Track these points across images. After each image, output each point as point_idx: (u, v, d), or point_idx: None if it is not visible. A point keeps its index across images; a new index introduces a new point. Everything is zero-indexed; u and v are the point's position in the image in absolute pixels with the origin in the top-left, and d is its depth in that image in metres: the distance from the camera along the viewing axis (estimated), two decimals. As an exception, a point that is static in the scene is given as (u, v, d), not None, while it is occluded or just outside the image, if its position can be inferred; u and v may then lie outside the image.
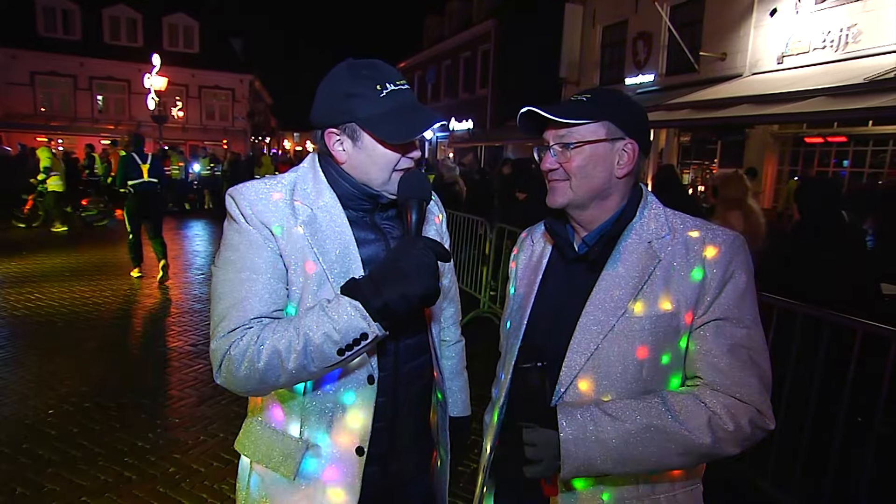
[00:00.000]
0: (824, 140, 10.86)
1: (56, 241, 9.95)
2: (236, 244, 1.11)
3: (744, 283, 1.07)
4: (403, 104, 1.14)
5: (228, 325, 1.05)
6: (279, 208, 1.13)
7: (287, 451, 1.17)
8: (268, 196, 1.14)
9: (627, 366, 1.07)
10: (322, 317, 1.01)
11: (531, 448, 1.02)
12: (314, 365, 1.01)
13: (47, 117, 24.14)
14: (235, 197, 1.13)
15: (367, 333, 1.00)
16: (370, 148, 1.14)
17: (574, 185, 1.11)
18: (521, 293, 1.26)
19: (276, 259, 1.11)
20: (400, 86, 1.15)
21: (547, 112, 1.09)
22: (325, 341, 0.99)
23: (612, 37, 15.47)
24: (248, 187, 1.15)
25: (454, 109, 23.88)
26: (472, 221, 6.56)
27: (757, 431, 1.02)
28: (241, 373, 1.03)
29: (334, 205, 1.17)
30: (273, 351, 1.01)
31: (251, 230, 1.11)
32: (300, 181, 1.18)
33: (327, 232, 1.14)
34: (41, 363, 4.38)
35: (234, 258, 1.10)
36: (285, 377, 1.03)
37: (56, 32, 24.55)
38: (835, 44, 9.67)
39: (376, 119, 1.11)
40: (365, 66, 1.15)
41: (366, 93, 1.12)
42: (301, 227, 1.12)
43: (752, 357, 1.05)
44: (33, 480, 2.85)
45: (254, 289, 1.08)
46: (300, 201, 1.15)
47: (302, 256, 1.11)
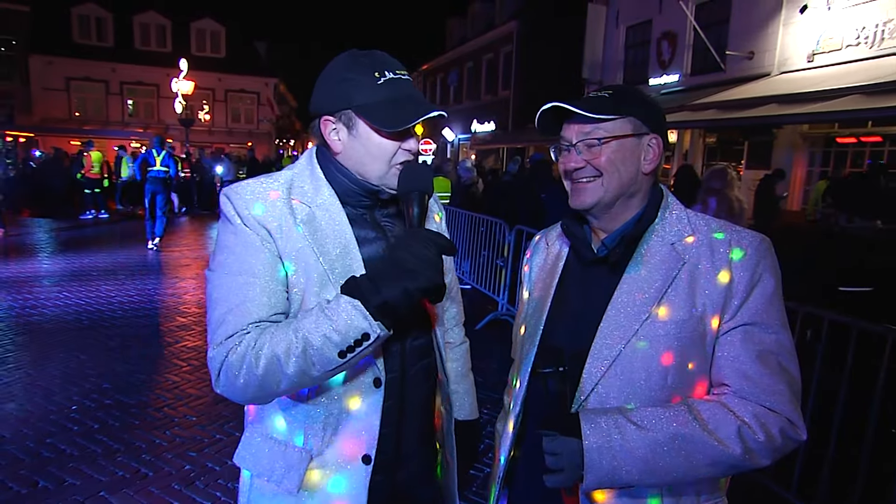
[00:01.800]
0: (857, 140, 10.51)
1: (84, 241, 10.22)
2: (232, 246, 1.06)
3: (772, 287, 1.03)
4: (401, 93, 1.09)
5: (226, 331, 1.01)
6: (276, 208, 1.08)
7: (290, 463, 1.11)
8: (264, 195, 1.09)
9: (651, 372, 1.02)
10: (321, 318, 0.96)
11: (552, 457, 0.98)
12: (315, 369, 0.97)
13: (80, 121, 24.92)
14: (231, 197, 1.09)
15: (368, 333, 0.95)
16: (365, 137, 1.10)
17: (605, 182, 1.07)
18: (537, 297, 1.22)
19: (274, 261, 1.06)
20: (399, 75, 1.11)
21: (575, 107, 1.04)
22: (324, 343, 0.95)
23: (636, 37, 15.26)
24: (243, 186, 1.11)
25: (476, 111, 23.86)
26: (489, 223, 6.51)
27: (788, 442, 0.97)
28: (239, 381, 0.99)
29: (333, 202, 1.13)
30: (272, 356, 0.97)
31: (248, 231, 1.06)
32: (297, 178, 1.14)
33: (327, 231, 1.10)
34: (67, 360, 4.48)
35: (230, 261, 1.06)
36: (286, 383, 0.98)
37: (90, 39, 25.36)
38: (869, 40, 9.35)
39: (371, 106, 1.07)
40: (365, 54, 1.13)
41: (362, 79, 1.08)
42: (300, 227, 1.08)
43: (781, 364, 1.00)
44: (55, 475, 2.90)
45: (251, 293, 1.03)
46: (298, 200, 1.11)
47: (302, 257, 1.07)
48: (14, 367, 4.31)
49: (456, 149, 26.50)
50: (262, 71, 28.73)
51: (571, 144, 1.09)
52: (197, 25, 27.28)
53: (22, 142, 21.08)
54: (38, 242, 9.98)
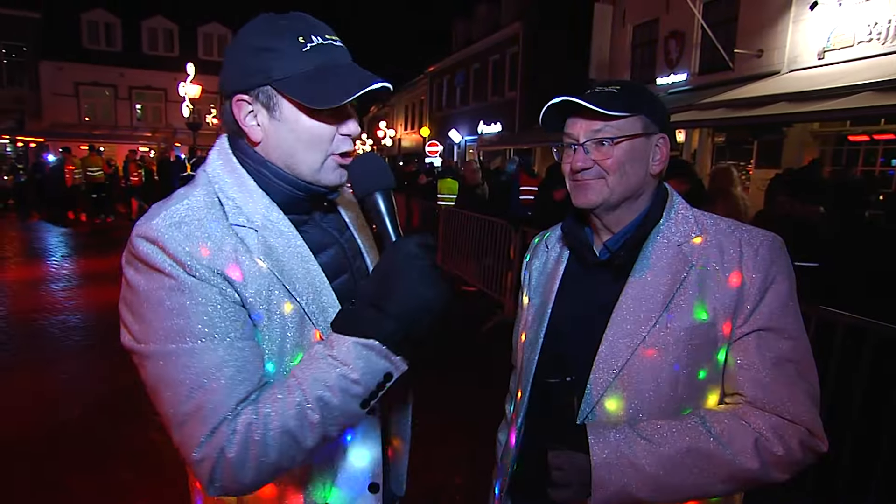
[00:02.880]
0: (870, 138, 10.34)
1: (97, 245, 10.28)
2: (176, 306, 0.80)
3: (786, 290, 0.97)
4: (333, 62, 0.88)
5: (207, 424, 0.78)
6: (225, 242, 0.84)
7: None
8: (203, 227, 0.84)
9: (661, 382, 0.97)
10: (330, 370, 0.79)
11: (558, 472, 0.94)
12: (336, 429, 0.82)
13: (90, 126, 25.13)
14: (158, 240, 0.80)
15: (391, 373, 0.82)
16: (292, 120, 0.88)
17: (611, 183, 1.02)
18: (537, 303, 1.17)
19: (239, 314, 0.84)
20: (330, 40, 0.90)
21: (588, 102, 0.98)
22: (344, 399, 0.79)
23: (643, 36, 15.15)
24: (168, 220, 0.83)
25: (483, 113, 23.81)
26: (494, 224, 6.46)
27: (808, 454, 0.91)
28: (249, 476, 0.79)
29: (279, 217, 0.91)
30: (283, 433, 0.78)
31: (198, 284, 0.81)
32: (223, 191, 0.90)
33: (286, 256, 0.89)
34: (78, 365, 4.49)
35: (179, 326, 0.79)
36: (301, 456, 0.82)
37: (99, 44, 25.59)
38: (882, 36, 9.20)
39: (297, 79, 0.86)
40: (283, 16, 0.91)
41: (283, 47, 0.86)
42: (261, 261, 0.86)
43: (798, 371, 0.94)
44: (58, 481, 2.88)
45: (223, 362, 0.80)
46: (241, 224, 0.87)
47: (275, 298, 0.87)
48: (20, 372, 4.32)
49: (462, 150, 26.47)
50: (269, 74, 28.81)
51: (578, 142, 1.04)
52: (204, 30, 27.45)
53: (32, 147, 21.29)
54: (47, 246, 10.05)
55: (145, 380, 0.84)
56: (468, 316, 6.05)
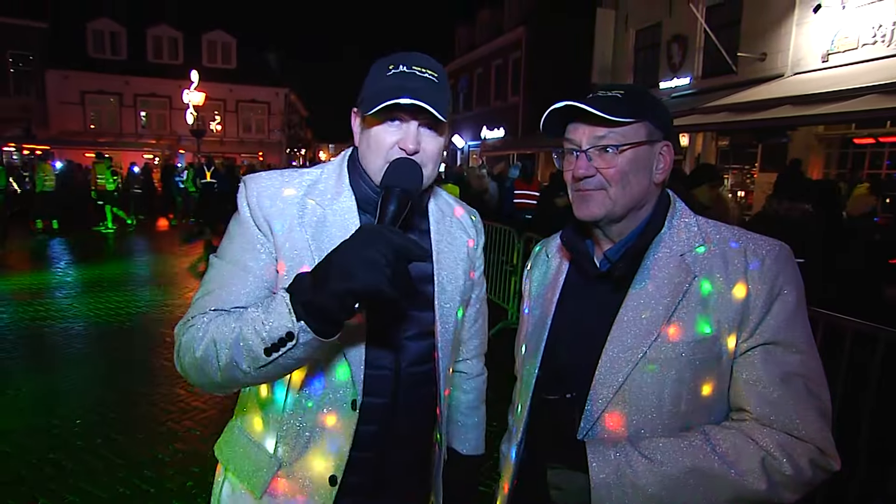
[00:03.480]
0: (876, 140, 10.26)
1: (94, 253, 10.30)
2: (232, 234, 1.07)
3: (794, 301, 0.93)
4: (402, 84, 1.01)
5: (192, 311, 1.02)
6: (287, 205, 1.07)
7: (258, 464, 1.09)
8: (278, 190, 1.08)
9: (663, 399, 0.93)
10: (259, 310, 0.91)
11: (556, 491, 0.90)
12: (245, 363, 0.91)
13: (95, 134, 25.28)
14: (247, 185, 1.09)
15: (292, 332, 0.87)
16: (366, 128, 1.08)
17: (613, 195, 0.98)
18: (537, 314, 1.13)
19: (267, 257, 1.05)
20: (416, 70, 1.03)
21: (592, 107, 0.94)
22: (253, 335, 0.89)
23: (646, 40, 15.13)
24: (261, 177, 1.10)
25: (486, 118, 23.83)
26: (499, 230, 6.43)
27: (819, 473, 0.87)
28: (186, 361, 0.98)
29: (350, 208, 1.09)
30: (210, 341, 0.94)
31: (250, 223, 1.06)
32: (323, 178, 1.13)
33: (334, 237, 1.04)
34: (74, 372, 4.47)
35: (226, 248, 1.07)
36: (221, 374, 0.94)
37: (104, 53, 25.78)
38: (886, 38, 9.15)
39: (368, 95, 1.04)
40: (404, 52, 1.09)
41: (376, 73, 1.06)
42: (306, 229, 1.05)
43: (808, 387, 0.90)
44: (55, 491, 2.85)
45: (230, 281, 1.03)
46: (315, 200, 1.08)
47: (299, 259, 1.04)
48: (21, 380, 4.30)
49: (466, 155, 26.48)
50: (272, 81, 29.00)
51: (580, 149, 1.00)
52: (208, 37, 27.62)
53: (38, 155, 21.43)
54: (50, 254, 10.07)
55: None
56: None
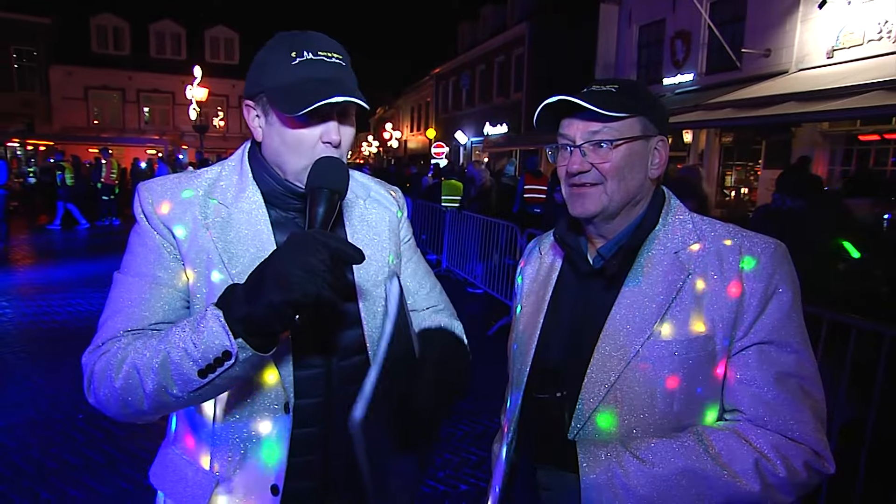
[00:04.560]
0: (881, 137, 10.20)
1: (100, 247, 10.33)
2: (133, 246, 1.01)
3: (789, 300, 0.92)
4: (314, 76, 0.95)
5: (102, 336, 0.94)
6: (185, 207, 1.00)
7: (197, 484, 1.03)
8: (175, 193, 1.02)
9: (655, 398, 0.92)
10: (187, 329, 0.85)
11: (547, 492, 0.89)
12: (176, 388, 0.85)
13: (99, 129, 25.34)
14: (141, 192, 1.02)
15: (229, 352, 0.82)
16: (278, 125, 0.99)
17: (610, 190, 0.97)
18: (529, 312, 1.12)
19: (174, 265, 0.99)
20: (323, 56, 0.97)
21: (585, 102, 0.93)
22: (183, 359, 0.84)
23: (650, 36, 15.06)
24: (156, 182, 1.03)
25: (489, 114, 23.76)
26: (502, 226, 6.42)
27: (813, 476, 0.86)
28: (101, 392, 0.90)
29: (257, 204, 1.03)
30: (132, 368, 0.87)
31: (150, 231, 1.00)
32: (224, 176, 1.06)
33: (242, 235, 1.00)
34: (76, 368, 4.45)
35: (129, 261, 1.00)
36: (148, 401, 0.87)
37: (108, 49, 25.82)
38: (892, 34, 9.07)
39: (280, 90, 0.95)
40: (295, 34, 1.01)
41: (278, 59, 0.97)
42: (210, 231, 0.99)
43: (802, 387, 0.89)
44: (58, 486, 2.87)
45: (139, 297, 0.95)
46: (217, 199, 1.02)
47: (207, 263, 0.98)
48: (23, 376, 4.32)
49: (468, 151, 26.44)
50: (275, 77, 28.95)
51: (574, 144, 0.99)
52: (211, 33, 27.62)
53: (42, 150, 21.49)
54: (53, 249, 10.11)
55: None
56: (474, 318, 6.02)
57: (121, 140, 24.01)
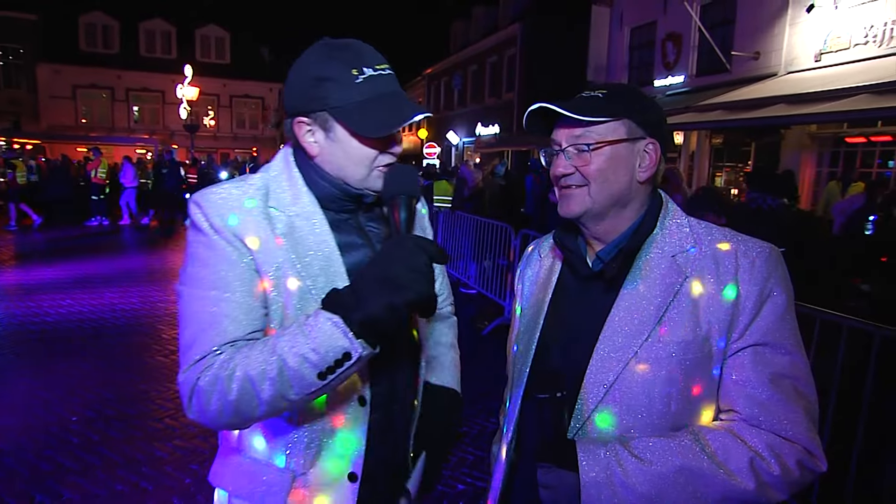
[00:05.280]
0: (867, 140, 10.36)
1: (89, 248, 10.24)
2: (206, 259, 0.98)
3: (784, 303, 0.95)
4: (382, 92, 1.00)
5: (196, 352, 0.94)
6: (253, 217, 1.00)
7: (272, 483, 1.05)
8: (239, 203, 1.01)
9: (653, 399, 0.94)
10: (298, 336, 0.88)
11: (547, 490, 0.92)
12: (293, 392, 0.89)
13: (87, 128, 25.10)
14: (202, 204, 1.00)
15: (349, 353, 0.87)
16: (345, 141, 1.02)
17: (593, 192, 1.00)
18: (529, 314, 1.15)
19: (251, 275, 0.99)
20: (380, 71, 1.01)
21: (562, 108, 0.97)
22: (301, 364, 0.87)
23: (641, 38, 15.17)
24: (215, 193, 1.02)
25: (481, 114, 23.81)
26: (495, 227, 6.45)
27: (806, 474, 0.89)
28: (212, 407, 0.91)
29: (314, 209, 1.05)
30: (245, 379, 0.89)
31: (222, 243, 0.98)
32: (274, 184, 1.06)
33: (308, 241, 1.03)
34: (69, 370, 4.45)
35: (203, 275, 0.98)
36: (263, 408, 0.91)
37: (96, 47, 25.58)
38: (878, 39, 9.22)
39: (351, 109, 0.98)
40: (341, 46, 1.02)
41: (339, 77, 0.98)
42: (280, 239, 1.01)
43: (796, 388, 0.92)
44: (53, 489, 2.86)
45: (226, 309, 0.96)
46: (275, 207, 1.03)
47: (283, 272, 1.00)
48: (15, 377, 4.28)
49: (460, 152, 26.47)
50: (266, 76, 28.84)
51: (561, 149, 1.02)
52: (202, 32, 27.44)
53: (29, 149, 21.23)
54: (42, 250, 10.00)
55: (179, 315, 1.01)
56: (467, 319, 6.04)
57: (110, 139, 23.80)
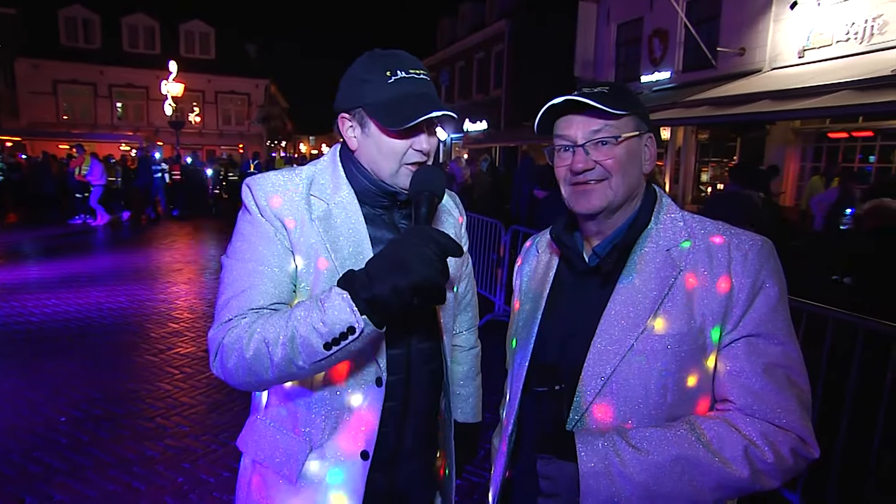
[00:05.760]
0: (849, 135, 10.54)
1: (74, 247, 10.09)
2: (247, 234, 1.11)
3: (776, 294, 0.97)
4: (411, 92, 1.10)
5: (227, 313, 1.05)
6: (294, 202, 1.13)
7: (290, 451, 1.14)
8: (284, 188, 1.14)
9: (650, 390, 0.96)
10: (312, 308, 0.96)
11: (546, 481, 0.93)
12: (301, 359, 0.96)
13: (69, 125, 24.67)
14: (252, 187, 1.13)
15: (353, 327, 0.93)
16: (376, 136, 1.12)
17: (615, 185, 1.01)
18: (528, 309, 1.16)
19: (285, 253, 1.10)
20: (413, 74, 1.12)
21: (593, 101, 0.96)
22: (310, 333, 0.94)
23: (627, 34, 15.27)
24: (265, 178, 1.15)
25: (468, 111, 23.80)
26: (485, 223, 6.47)
27: (799, 461, 0.91)
28: (230, 363, 1.01)
29: (351, 201, 1.16)
30: (261, 341, 0.98)
31: (263, 222, 1.11)
32: (319, 175, 1.18)
33: (341, 228, 1.13)
34: (55, 370, 4.39)
35: (244, 248, 1.10)
36: (273, 371, 0.99)
37: (77, 42, 25.12)
38: (859, 35, 9.38)
39: (379, 105, 1.09)
40: (385, 53, 1.14)
41: (375, 78, 1.10)
42: (315, 223, 1.12)
43: (789, 377, 0.94)
44: (42, 490, 2.82)
45: (258, 280, 1.07)
46: (316, 196, 1.15)
47: (315, 252, 1.11)
48: (0, 378, 4.21)
49: (448, 148, 26.45)
50: (252, 72, 28.55)
51: (576, 144, 1.02)
52: (186, 27, 27.07)
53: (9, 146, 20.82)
54: (26, 248, 9.83)
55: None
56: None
57: (93, 136, 23.40)
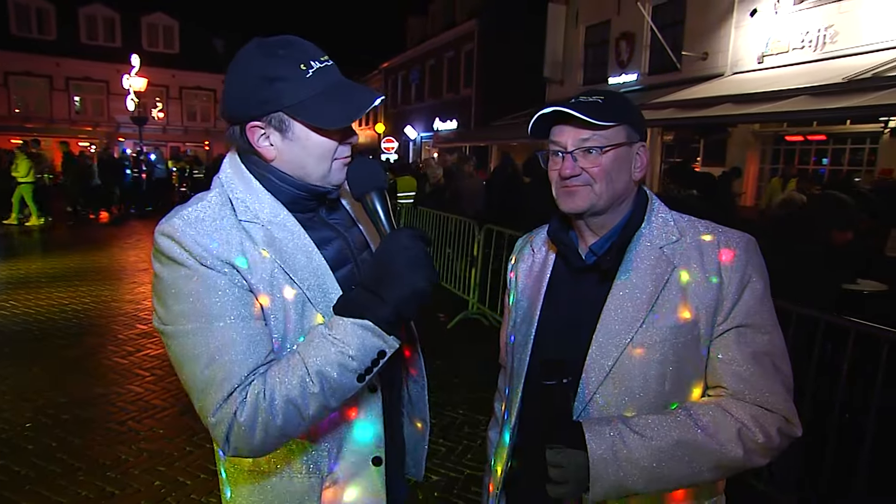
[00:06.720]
0: (804, 138, 11.04)
1: (32, 246, 9.69)
2: (192, 292, 0.91)
3: (762, 287, 1.05)
4: (334, 83, 0.99)
5: (221, 391, 0.89)
6: (232, 236, 0.95)
7: (300, 493, 1.05)
8: (215, 225, 0.95)
9: (648, 380, 1.03)
10: (328, 347, 0.90)
11: (556, 470, 0.98)
12: (335, 401, 0.92)
13: (22, 118, 23.57)
14: (174, 236, 0.92)
15: (384, 351, 0.92)
16: (303, 138, 1.00)
17: (598, 190, 1.06)
18: (525, 305, 1.21)
19: (247, 297, 0.94)
20: (325, 62, 1.00)
21: (580, 112, 1.02)
22: (342, 373, 0.90)
23: (595, 36, 15.55)
24: (186, 220, 0.94)
25: (438, 109, 23.83)
26: (459, 222, 6.52)
27: (784, 440, 1.00)
28: (257, 438, 0.90)
29: (285, 215, 1.02)
30: (287, 401, 0.89)
31: (210, 273, 0.92)
32: (234, 195, 1.01)
33: (290, 249, 1.00)
34: (17, 374, 4.22)
35: (196, 309, 0.91)
36: (306, 424, 0.93)
37: (31, 32, 24.01)
38: (813, 44, 9.82)
39: (308, 104, 0.96)
40: (280, 44, 0.98)
41: (289, 75, 0.96)
42: (265, 251, 0.97)
43: (774, 364, 1.02)
44: (10, 499, 2.72)
45: (233, 339, 0.91)
46: (248, 220, 0.98)
47: (277, 284, 0.97)
48: (-41, 384, 4.03)
49: (418, 147, 26.43)
50: (219, 67, 27.83)
51: (566, 150, 1.07)
52: (148, 20, 26.24)
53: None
54: (-21, 248, 9.39)
55: (172, 357, 0.95)
56: (433, 313, 6.09)
57: (49, 131, 22.44)
